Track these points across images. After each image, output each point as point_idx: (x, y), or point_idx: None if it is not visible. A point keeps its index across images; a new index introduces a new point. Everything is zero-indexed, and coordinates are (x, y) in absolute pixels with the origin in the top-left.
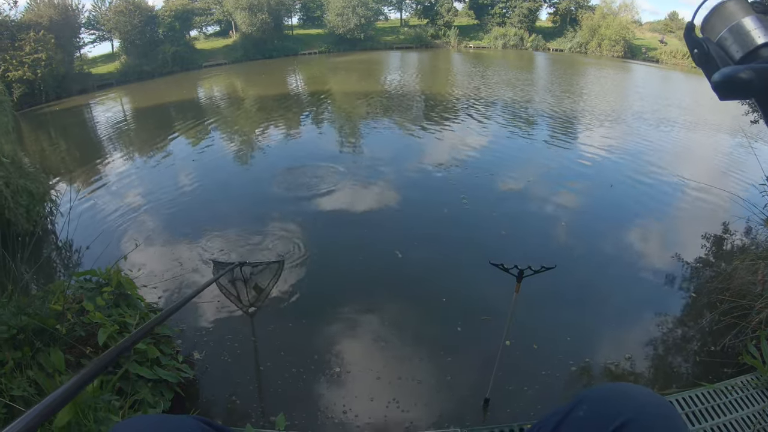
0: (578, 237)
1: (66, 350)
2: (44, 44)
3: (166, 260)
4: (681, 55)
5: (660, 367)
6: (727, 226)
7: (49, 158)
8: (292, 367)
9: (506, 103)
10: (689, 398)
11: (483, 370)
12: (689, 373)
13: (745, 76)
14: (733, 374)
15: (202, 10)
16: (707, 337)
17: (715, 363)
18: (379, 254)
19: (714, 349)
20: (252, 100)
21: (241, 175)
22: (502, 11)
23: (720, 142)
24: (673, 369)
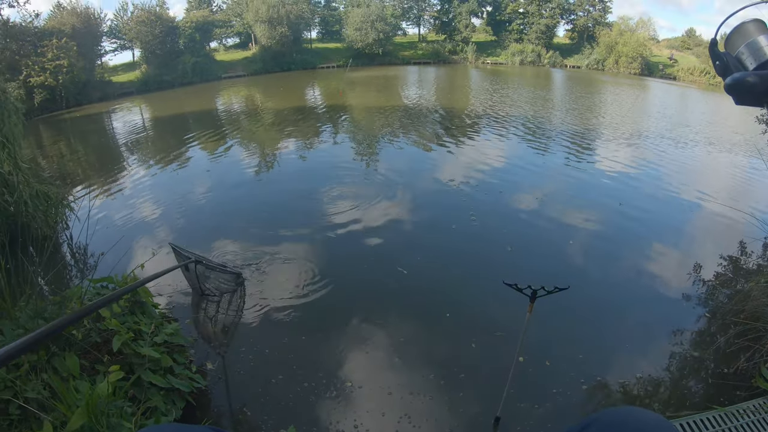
0: (590, 255)
1: (81, 355)
2: (66, 51)
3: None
4: (698, 72)
5: (672, 388)
6: (743, 246)
7: (68, 164)
8: (304, 381)
9: (522, 120)
10: (701, 421)
11: (495, 386)
12: (701, 395)
13: (751, 80)
14: (746, 397)
15: (222, 22)
16: (720, 360)
17: (727, 386)
18: (389, 269)
19: (727, 371)
20: (270, 112)
21: (255, 187)
22: (520, 27)
23: (737, 162)
24: (685, 391)
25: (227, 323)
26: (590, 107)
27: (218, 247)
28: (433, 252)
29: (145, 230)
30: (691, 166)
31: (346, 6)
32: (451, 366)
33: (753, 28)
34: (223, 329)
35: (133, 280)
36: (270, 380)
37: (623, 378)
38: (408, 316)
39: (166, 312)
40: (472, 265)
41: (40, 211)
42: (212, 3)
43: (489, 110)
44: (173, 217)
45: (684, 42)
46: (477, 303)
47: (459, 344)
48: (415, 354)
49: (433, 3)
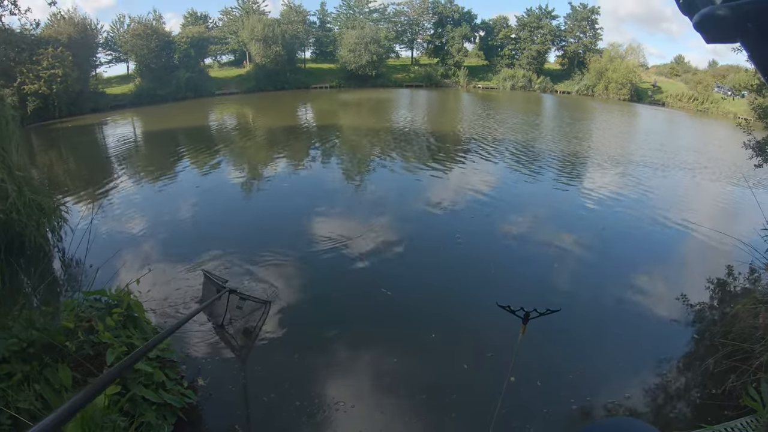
0: (576, 278)
1: (73, 367)
2: (61, 61)
3: (169, 287)
4: (687, 98)
5: (661, 407)
6: (731, 270)
7: (58, 174)
8: (296, 399)
9: (511, 145)
10: None
11: (487, 406)
12: (690, 414)
13: (721, 13)
14: (733, 416)
15: (217, 39)
16: (709, 380)
17: (715, 405)
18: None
19: (715, 391)
20: (262, 130)
21: (243, 206)
22: (512, 53)
23: (723, 188)
24: (674, 410)
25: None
26: (579, 133)
27: (205, 264)
28: (420, 273)
29: (136, 244)
30: (678, 191)
31: (341, 27)
32: (444, 386)
33: None
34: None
35: (128, 294)
36: (262, 398)
37: (613, 398)
38: (398, 337)
39: (157, 327)
40: (458, 286)
41: (33, 220)
42: (208, 19)
43: (479, 135)
44: (161, 232)
45: (673, 69)
46: (466, 324)
47: (451, 365)
48: (407, 374)
49: (427, 27)
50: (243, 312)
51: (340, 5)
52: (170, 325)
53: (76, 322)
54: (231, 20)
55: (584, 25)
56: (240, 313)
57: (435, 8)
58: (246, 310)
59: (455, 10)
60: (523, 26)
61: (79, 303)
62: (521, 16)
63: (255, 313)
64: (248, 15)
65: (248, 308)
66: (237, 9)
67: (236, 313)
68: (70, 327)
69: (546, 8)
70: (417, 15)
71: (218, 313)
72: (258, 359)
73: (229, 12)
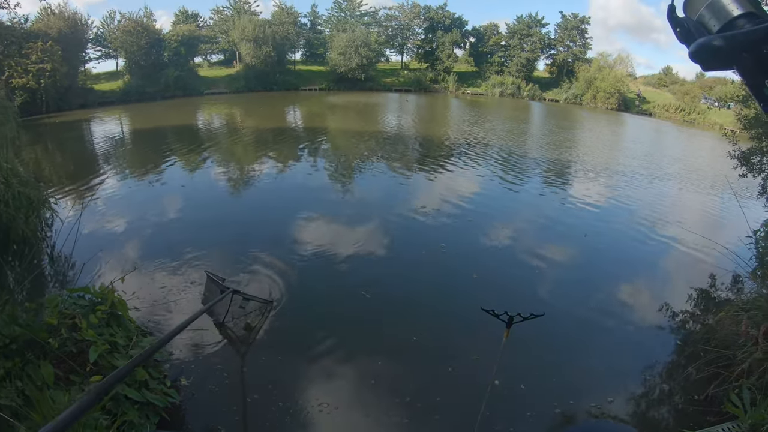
0: (559, 284)
1: (55, 364)
2: (50, 55)
3: (154, 285)
4: (673, 108)
5: (643, 413)
6: (714, 278)
7: (45, 169)
8: (279, 400)
9: (498, 151)
10: None
11: (472, 408)
12: (672, 420)
13: (716, 43)
14: (715, 422)
15: (208, 38)
16: (691, 386)
17: (698, 411)
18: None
19: (698, 398)
20: (250, 131)
21: (227, 207)
22: (501, 60)
23: (708, 197)
24: (656, 416)
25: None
26: (565, 141)
27: (188, 264)
28: (402, 277)
29: (121, 241)
30: (664, 200)
31: (332, 30)
32: (428, 389)
33: None
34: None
35: (111, 292)
36: (245, 399)
37: (595, 402)
38: (381, 340)
39: (141, 326)
40: (441, 290)
41: (21, 213)
42: (199, 18)
43: (466, 141)
44: (146, 230)
45: (661, 79)
46: (450, 328)
47: (436, 368)
48: (391, 377)
49: (418, 32)
50: (245, 311)
51: (332, 8)
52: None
53: (60, 318)
54: (222, 20)
55: (574, 34)
56: (242, 312)
57: (426, 14)
58: (248, 309)
59: (446, 16)
60: (513, 34)
61: (63, 300)
62: (511, 23)
63: (256, 312)
64: (239, 15)
65: (251, 308)
66: (228, 8)
67: (238, 312)
68: (54, 324)
69: (536, 16)
70: (408, 20)
71: (220, 312)
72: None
73: (220, 11)
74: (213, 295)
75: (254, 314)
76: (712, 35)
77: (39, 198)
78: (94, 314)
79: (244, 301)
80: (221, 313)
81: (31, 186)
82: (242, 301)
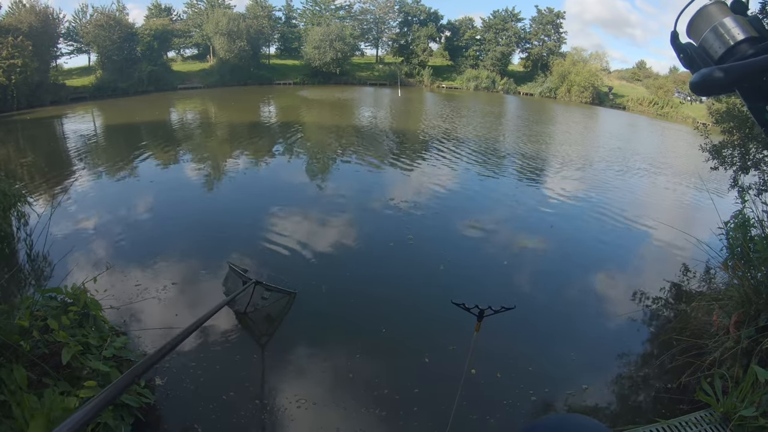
0: (536, 276)
1: (28, 367)
2: (21, 50)
3: (129, 283)
4: (647, 102)
5: (617, 402)
6: (687, 269)
7: (15, 167)
8: (255, 398)
9: (470, 144)
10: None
11: (449, 398)
12: (646, 408)
13: (717, 75)
14: (688, 410)
15: (181, 32)
16: (664, 375)
17: (672, 399)
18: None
19: (671, 386)
20: (224, 126)
21: (200, 202)
22: (476, 54)
23: (681, 189)
24: (630, 404)
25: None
26: (539, 134)
27: (163, 260)
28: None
29: (93, 240)
30: (637, 192)
31: (306, 24)
32: (405, 381)
33: (716, 10)
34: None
35: (84, 292)
36: (221, 396)
37: (570, 389)
38: (356, 333)
39: (115, 326)
40: (410, 282)
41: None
42: (172, 12)
43: (440, 135)
44: (119, 229)
45: (634, 74)
46: (426, 319)
47: (413, 359)
48: (370, 370)
49: (393, 26)
50: (268, 301)
51: (306, 1)
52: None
53: (31, 320)
54: (195, 13)
55: (549, 28)
56: (264, 302)
57: (401, 7)
58: (271, 299)
59: (421, 10)
60: (488, 28)
61: (35, 301)
62: (487, 17)
63: (279, 302)
64: (213, 8)
65: (273, 298)
66: (202, 2)
67: (261, 303)
68: (25, 326)
69: (512, 11)
70: (383, 13)
71: (242, 302)
72: (215, 359)
73: (194, 5)
74: (235, 286)
75: (276, 305)
76: (713, 67)
77: (15, 193)
78: (66, 315)
79: (266, 292)
80: (243, 303)
81: (4, 182)
82: (264, 292)
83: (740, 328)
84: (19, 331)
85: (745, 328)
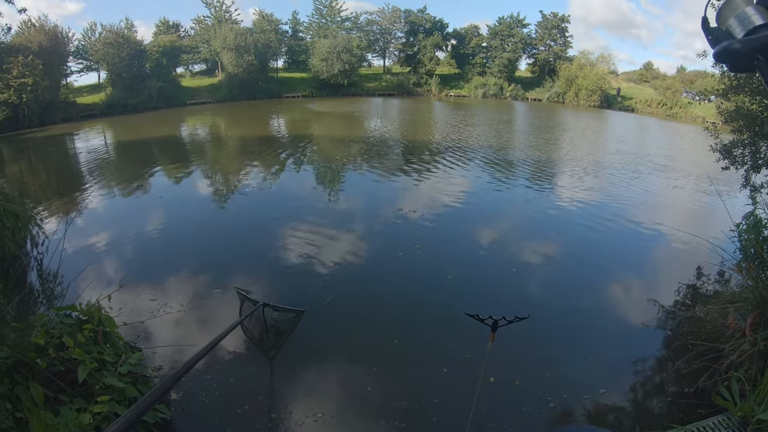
0: (550, 283)
1: (44, 384)
2: (32, 69)
3: (143, 299)
4: (656, 104)
5: (634, 407)
6: (701, 271)
7: (29, 185)
8: (271, 411)
9: (478, 153)
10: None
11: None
12: (663, 413)
13: (735, 46)
14: (706, 415)
15: (189, 48)
16: (681, 379)
17: (689, 404)
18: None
19: (687, 390)
20: (234, 140)
21: (212, 217)
22: (483, 61)
23: (693, 190)
24: (647, 410)
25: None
26: (548, 140)
27: (176, 276)
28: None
29: (107, 258)
30: (648, 195)
31: (313, 36)
32: (425, 391)
33: (740, 1)
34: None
35: (98, 310)
36: (236, 410)
37: (588, 394)
38: (367, 345)
39: (130, 342)
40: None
41: (8, 229)
42: (180, 28)
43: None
44: (132, 246)
45: (642, 75)
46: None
47: (430, 369)
48: (386, 382)
49: (399, 36)
50: (277, 320)
51: (312, 14)
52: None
53: (47, 338)
54: (203, 29)
55: (555, 33)
56: (273, 322)
57: (407, 17)
58: (281, 318)
59: (427, 19)
60: (494, 35)
61: (50, 319)
62: (493, 24)
63: (288, 320)
64: (220, 24)
65: (283, 317)
66: (209, 18)
67: (270, 322)
68: (41, 343)
69: (517, 16)
70: (389, 24)
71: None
72: (229, 372)
73: (201, 21)
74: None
75: (286, 322)
76: (732, 40)
77: (26, 214)
78: (81, 332)
79: (275, 312)
80: (255, 328)
81: (16, 203)
82: (273, 313)
83: (756, 330)
84: (35, 348)
85: (762, 329)
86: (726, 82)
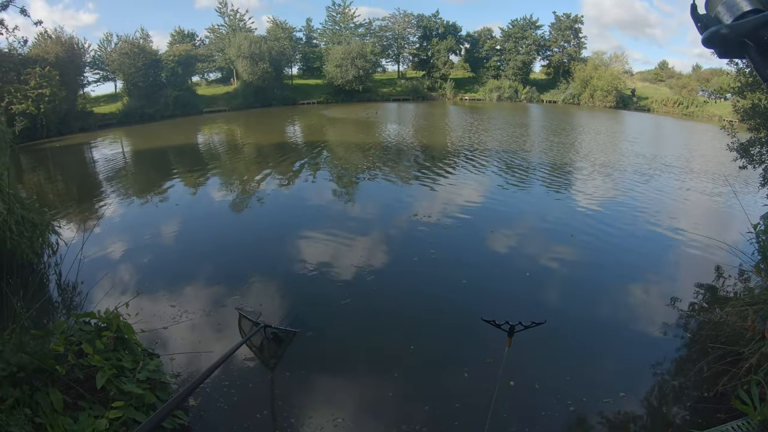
0: (568, 287)
1: (63, 391)
2: (49, 80)
3: (161, 306)
4: (671, 103)
5: (654, 411)
6: (719, 274)
7: (48, 194)
8: (290, 416)
9: (494, 157)
10: None
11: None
12: (682, 417)
13: (723, 31)
14: (725, 419)
15: (204, 57)
16: (700, 383)
17: (707, 408)
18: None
19: (707, 394)
20: (250, 148)
21: (230, 225)
22: (497, 64)
23: (710, 191)
24: (666, 413)
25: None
26: (564, 143)
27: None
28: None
29: (125, 265)
30: (665, 197)
31: (327, 43)
32: (445, 396)
33: None
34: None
35: (117, 317)
36: (255, 416)
37: (608, 398)
38: (386, 351)
39: (148, 348)
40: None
41: (26, 237)
42: (195, 37)
43: (463, 148)
44: (150, 254)
45: (657, 74)
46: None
47: (450, 374)
48: (406, 387)
49: (412, 41)
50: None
51: (326, 21)
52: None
53: (66, 345)
54: (218, 38)
55: (568, 34)
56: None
57: (420, 22)
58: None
59: (440, 23)
60: (507, 37)
61: (69, 326)
62: (506, 27)
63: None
64: (235, 32)
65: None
66: (223, 26)
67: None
68: (60, 350)
69: (530, 18)
70: (402, 29)
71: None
72: (247, 378)
73: (216, 29)
74: (247, 331)
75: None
76: (720, 25)
77: (43, 223)
78: (100, 339)
79: (273, 333)
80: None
81: (34, 211)
82: (273, 331)
83: None
84: (54, 355)
85: None
86: (741, 79)
